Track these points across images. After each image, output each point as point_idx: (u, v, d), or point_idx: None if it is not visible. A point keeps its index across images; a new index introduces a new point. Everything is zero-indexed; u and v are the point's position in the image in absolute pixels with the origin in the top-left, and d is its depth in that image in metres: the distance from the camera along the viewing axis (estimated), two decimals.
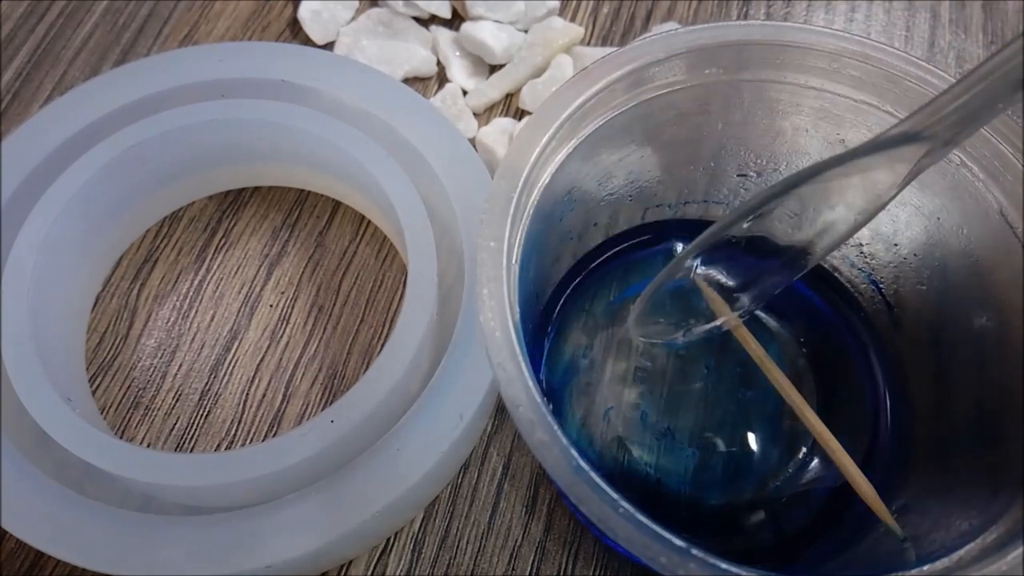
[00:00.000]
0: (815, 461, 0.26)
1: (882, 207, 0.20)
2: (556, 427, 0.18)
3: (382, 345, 0.29)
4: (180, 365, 0.29)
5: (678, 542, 0.16)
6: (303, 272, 0.31)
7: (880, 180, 0.19)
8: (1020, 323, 0.22)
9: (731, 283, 0.25)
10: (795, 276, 0.23)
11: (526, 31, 0.36)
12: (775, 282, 0.24)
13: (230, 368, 0.29)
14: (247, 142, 0.29)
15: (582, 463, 0.17)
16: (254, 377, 0.29)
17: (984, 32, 0.37)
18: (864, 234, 0.27)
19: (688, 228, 0.29)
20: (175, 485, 0.22)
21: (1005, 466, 0.21)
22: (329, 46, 0.35)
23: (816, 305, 0.28)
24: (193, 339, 0.29)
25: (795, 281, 0.29)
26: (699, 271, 0.24)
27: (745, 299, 0.24)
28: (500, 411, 0.28)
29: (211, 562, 0.22)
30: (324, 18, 0.36)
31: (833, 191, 0.20)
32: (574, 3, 0.37)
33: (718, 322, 0.24)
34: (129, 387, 0.28)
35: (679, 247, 0.29)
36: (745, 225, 0.22)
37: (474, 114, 0.34)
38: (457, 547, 0.26)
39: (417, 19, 0.36)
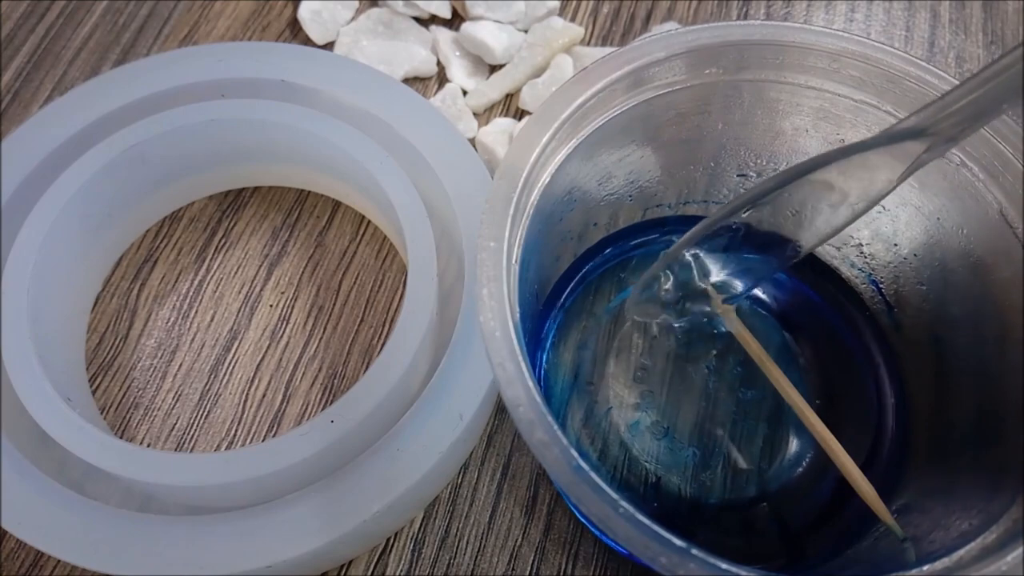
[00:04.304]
0: (815, 461, 0.26)
1: (877, 201, 0.20)
2: (556, 427, 0.18)
3: (382, 345, 0.29)
4: (180, 365, 0.29)
5: (678, 542, 0.16)
6: (303, 272, 0.31)
7: (879, 175, 0.20)
8: (1020, 323, 0.22)
9: (723, 272, 0.25)
10: (786, 265, 0.24)
11: (526, 31, 0.36)
12: (765, 271, 0.25)
13: (230, 368, 0.29)
14: (247, 142, 0.29)
15: (582, 463, 0.17)
16: (254, 377, 0.29)
17: (984, 32, 0.37)
18: (864, 234, 0.27)
19: (688, 227, 0.29)
20: (175, 485, 0.22)
21: (1005, 466, 0.21)
22: (329, 46, 0.35)
23: (816, 305, 0.28)
24: (193, 339, 0.29)
25: (795, 281, 0.29)
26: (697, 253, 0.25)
27: (737, 285, 0.25)
28: (500, 411, 0.28)
29: (211, 562, 0.22)
30: (324, 18, 0.36)
31: (832, 184, 0.21)
32: (574, 3, 0.37)
33: (709, 308, 0.25)
34: (129, 387, 0.28)
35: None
36: (743, 215, 0.22)
37: (474, 114, 0.34)
38: (457, 547, 0.26)
39: (417, 19, 0.36)
